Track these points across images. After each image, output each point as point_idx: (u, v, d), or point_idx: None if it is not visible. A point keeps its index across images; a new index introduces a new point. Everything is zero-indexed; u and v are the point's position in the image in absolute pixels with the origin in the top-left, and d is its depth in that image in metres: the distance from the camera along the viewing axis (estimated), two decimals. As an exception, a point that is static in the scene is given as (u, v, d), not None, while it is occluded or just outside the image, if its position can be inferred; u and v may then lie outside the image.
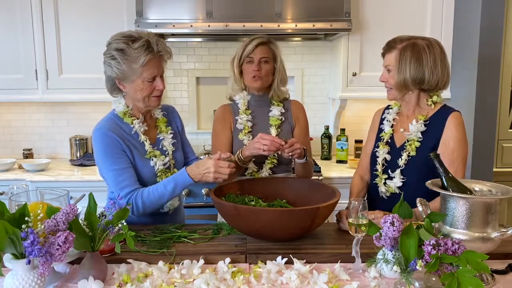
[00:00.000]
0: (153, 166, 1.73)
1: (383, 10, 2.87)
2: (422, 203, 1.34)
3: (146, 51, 1.60)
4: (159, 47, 1.64)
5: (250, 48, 1.93)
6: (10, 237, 1.10)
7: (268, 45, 1.96)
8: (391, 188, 1.75)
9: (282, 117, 2.02)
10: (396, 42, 1.72)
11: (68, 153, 3.20)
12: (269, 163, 1.95)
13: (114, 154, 1.66)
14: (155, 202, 1.66)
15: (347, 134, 3.16)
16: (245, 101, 2.02)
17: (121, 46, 1.61)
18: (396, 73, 1.70)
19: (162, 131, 1.81)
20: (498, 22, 2.80)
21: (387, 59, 1.75)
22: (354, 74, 2.91)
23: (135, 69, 1.62)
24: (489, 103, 2.86)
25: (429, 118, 1.73)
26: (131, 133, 1.73)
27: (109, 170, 1.67)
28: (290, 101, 2.09)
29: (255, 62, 1.94)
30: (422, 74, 1.66)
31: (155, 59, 1.64)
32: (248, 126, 1.99)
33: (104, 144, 1.66)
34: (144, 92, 1.67)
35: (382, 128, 1.85)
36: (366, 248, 1.35)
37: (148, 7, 2.72)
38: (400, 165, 1.73)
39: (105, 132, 1.67)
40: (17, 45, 2.90)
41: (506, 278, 1.30)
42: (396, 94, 1.75)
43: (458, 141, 1.67)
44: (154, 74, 1.65)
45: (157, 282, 1.26)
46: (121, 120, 1.73)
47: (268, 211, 1.48)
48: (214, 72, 3.26)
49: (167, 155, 1.78)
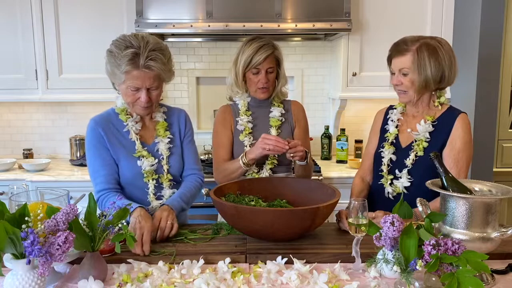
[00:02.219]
0: (140, 166, 1.72)
1: (383, 10, 2.87)
2: (422, 203, 1.34)
3: (128, 61, 1.57)
4: (146, 62, 1.57)
5: (257, 59, 1.89)
6: (10, 237, 1.10)
7: (273, 54, 1.93)
8: (398, 188, 1.75)
9: (282, 118, 2.02)
10: (407, 44, 1.69)
11: (68, 153, 3.20)
12: (269, 163, 1.95)
13: (96, 147, 1.71)
14: None
15: (347, 134, 3.16)
16: (245, 102, 2.02)
17: (113, 49, 1.62)
18: (416, 74, 1.67)
19: (159, 134, 1.78)
20: (498, 22, 2.81)
21: (399, 62, 1.70)
22: (354, 74, 2.91)
23: (118, 74, 1.61)
24: (489, 103, 2.86)
25: (436, 118, 1.74)
26: (122, 130, 1.73)
27: (90, 164, 1.72)
28: (290, 102, 2.08)
29: (262, 74, 1.91)
30: (442, 71, 1.67)
31: (138, 72, 1.59)
32: (249, 127, 1.98)
33: (89, 136, 1.73)
34: (128, 99, 1.67)
35: (387, 129, 1.85)
36: (366, 248, 1.34)
37: (148, 7, 2.72)
38: (408, 165, 1.73)
39: (92, 125, 1.73)
40: (17, 45, 2.89)
41: (506, 278, 1.30)
42: (412, 96, 1.72)
43: (464, 142, 1.69)
44: (137, 85, 1.62)
45: (157, 282, 1.26)
46: (117, 115, 1.75)
47: (268, 211, 1.48)
48: (214, 72, 3.26)
49: (162, 159, 1.76)
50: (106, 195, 1.66)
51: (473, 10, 2.81)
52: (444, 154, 1.71)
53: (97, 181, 1.69)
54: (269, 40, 1.95)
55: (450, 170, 1.66)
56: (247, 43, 1.94)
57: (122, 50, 1.58)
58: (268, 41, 1.94)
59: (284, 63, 2.01)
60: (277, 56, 1.96)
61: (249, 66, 1.91)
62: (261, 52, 1.89)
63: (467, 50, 2.90)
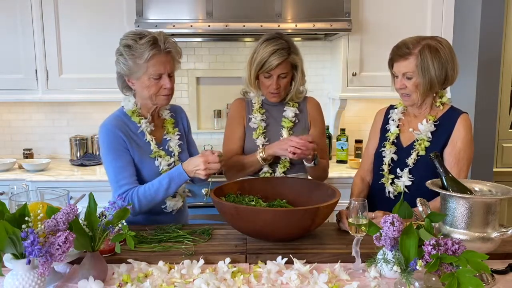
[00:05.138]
0: (157, 166, 1.73)
1: (383, 10, 2.87)
2: (422, 203, 1.34)
3: (151, 46, 1.61)
4: (166, 45, 1.65)
5: (270, 65, 1.82)
6: (10, 237, 1.10)
7: (287, 60, 1.85)
8: (399, 188, 1.75)
9: (296, 119, 1.97)
10: (408, 47, 1.67)
11: (68, 153, 3.20)
12: (282, 167, 1.92)
13: (117, 150, 1.68)
14: (151, 199, 1.66)
15: (347, 134, 3.16)
16: (259, 99, 1.99)
17: (129, 43, 1.64)
18: (420, 77, 1.66)
19: (169, 132, 1.81)
20: (498, 22, 2.81)
21: (402, 66, 1.69)
22: (354, 74, 2.90)
23: (140, 64, 1.63)
24: (489, 103, 2.86)
25: (438, 118, 1.74)
26: (137, 132, 1.74)
27: (110, 166, 1.68)
28: (306, 99, 2.02)
29: (274, 79, 1.86)
30: (445, 71, 1.67)
31: (161, 56, 1.64)
32: (262, 126, 1.95)
33: (108, 140, 1.68)
34: (151, 90, 1.67)
35: (388, 128, 1.85)
36: (366, 248, 1.34)
37: (148, 7, 2.72)
38: (409, 164, 1.74)
39: (110, 128, 1.69)
40: (17, 45, 2.89)
41: (506, 278, 1.30)
42: (416, 99, 1.72)
43: (465, 142, 1.69)
44: (160, 71, 1.65)
45: (157, 282, 1.26)
46: (128, 118, 1.74)
47: (268, 211, 1.48)
48: (214, 72, 3.26)
49: (172, 156, 1.79)
50: (131, 191, 1.66)
51: (473, 10, 2.81)
52: (445, 153, 1.71)
53: (120, 184, 1.66)
54: (286, 42, 1.86)
55: (451, 169, 1.67)
56: (262, 43, 1.86)
57: (138, 40, 1.62)
58: (284, 44, 1.84)
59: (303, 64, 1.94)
60: (292, 62, 1.87)
61: (261, 69, 1.85)
62: (274, 57, 1.82)
63: (467, 50, 2.90)
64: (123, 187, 1.66)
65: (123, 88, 1.77)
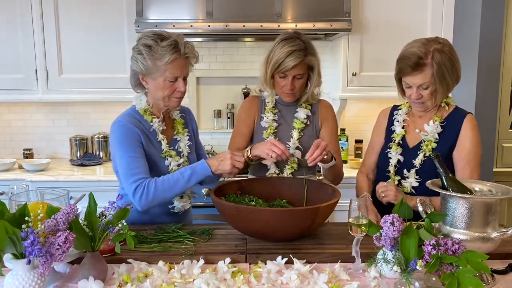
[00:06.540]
0: (167, 166, 1.73)
1: (383, 10, 2.87)
2: (422, 203, 1.34)
3: (172, 50, 1.61)
4: (186, 50, 1.65)
5: (285, 66, 1.79)
6: (10, 237, 1.10)
7: (304, 61, 1.81)
8: (406, 188, 1.74)
9: (308, 121, 1.95)
10: (421, 58, 1.62)
11: (68, 153, 3.20)
12: (289, 168, 1.90)
13: (131, 143, 1.66)
14: (168, 188, 1.62)
15: (347, 134, 3.16)
16: (273, 98, 1.98)
17: (149, 43, 1.63)
18: (438, 85, 1.64)
19: (179, 132, 1.82)
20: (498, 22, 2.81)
21: (418, 78, 1.64)
22: (354, 74, 2.90)
23: (159, 66, 1.63)
24: (489, 103, 2.86)
25: (444, 119, 1.74)
26: (149, 130, 1.74)
27: (123, 157, 1.65)
28: (319, 101, 2.00)
29: (289, 80, 1.83)
30: (456, 71, 1.67)
31: (180, 60, 1.64)
32: (273, 126, 1.94)
33: (122, 134, 1.66)
34: (165, 92, 1.67)
35: (393, 129, 1.83)
36: (366, 248, 1.35)
37: (148, 7, 2.72)
38: (416, 165, 1.73)
39: (126, 124, 1.68)
40: (17, 45, 2.89)
41: (506, 278, 1.30)
42: (431, 105, 1.71)
43: (474, 142, 1.69)
44: (177, 74, 1.66)
45: (157, 282, 1.26)
46: (141, 116, 1.74)
47: (268, 211, 1.48)
48: (214, 72, 3.26)
49: (182, 156, 1.79)
50: (147, 180, 1.62)
51: (473, 10, 2.81)
52: (455, 155, 1.71)
53: (134, 172, 1.62)
54: (303, 43, 1.83)
55: (462, 170, 1.68)
56: (279, 43, 1.83)
57: (159, 42, 1.62)
58: (301, 45, 1.81)
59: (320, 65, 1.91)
60: (308, 64, 1.84)
61: (277, 70, 1.82)
62: (290, 58, 1.78)
63: (467, 50, 2.90)
64: (136, 175, 1.62)
65: (136, 86, 1.76)
